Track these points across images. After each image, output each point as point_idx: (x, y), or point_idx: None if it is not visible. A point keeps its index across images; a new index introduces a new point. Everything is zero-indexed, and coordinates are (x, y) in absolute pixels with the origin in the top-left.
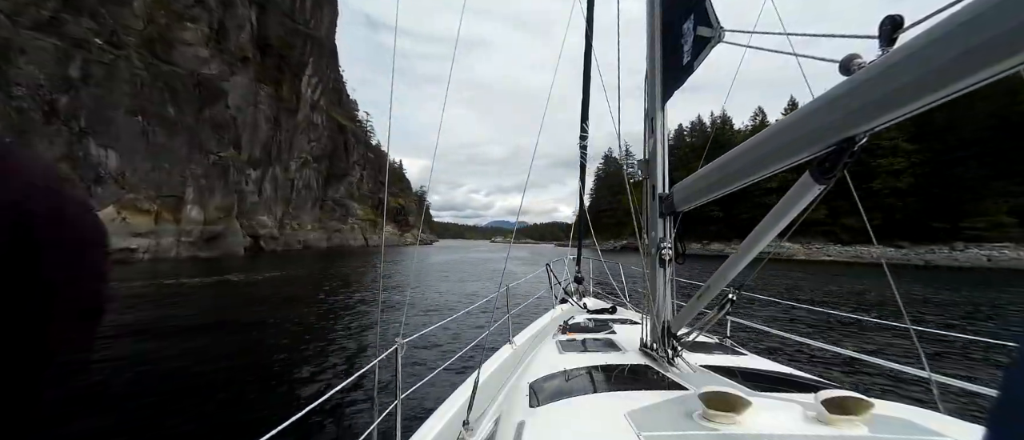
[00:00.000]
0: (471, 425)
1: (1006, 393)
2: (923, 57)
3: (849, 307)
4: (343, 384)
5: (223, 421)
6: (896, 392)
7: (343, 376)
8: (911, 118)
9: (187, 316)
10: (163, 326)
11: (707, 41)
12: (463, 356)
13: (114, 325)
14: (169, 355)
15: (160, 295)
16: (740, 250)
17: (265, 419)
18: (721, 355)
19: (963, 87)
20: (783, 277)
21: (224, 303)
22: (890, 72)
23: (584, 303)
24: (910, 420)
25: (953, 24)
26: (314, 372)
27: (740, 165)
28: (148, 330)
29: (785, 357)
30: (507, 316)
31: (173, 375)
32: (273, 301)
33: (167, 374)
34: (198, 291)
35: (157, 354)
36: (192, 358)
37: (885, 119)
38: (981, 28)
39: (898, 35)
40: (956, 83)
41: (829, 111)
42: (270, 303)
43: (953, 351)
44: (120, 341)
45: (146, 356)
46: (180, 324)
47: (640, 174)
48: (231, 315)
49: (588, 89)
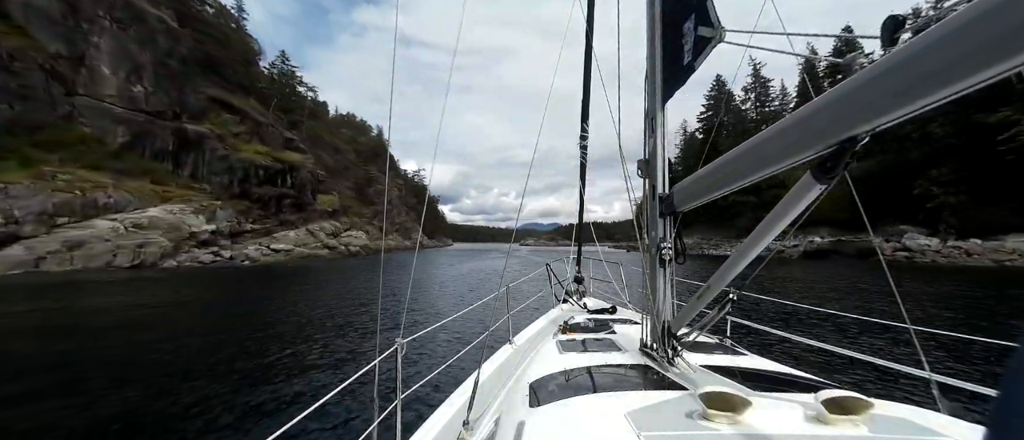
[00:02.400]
0: (471, 425)
1: (1006, 393)
2: (925, 57)
3: (850, 307)
4: (343, 384)
5: (223, 421)
6: (896, 392)
7: (343, 376)
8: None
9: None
10: (163, 327)
11: (708, 41)
12: (463, 356)
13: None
14: (169, 356)
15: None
16: (740, 250)
17: (265, 419)
18: (721, 355)
19: (965, 87)
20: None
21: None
22: (892, 72)
23: (584, 303)
24: (910, 420)
25: (955, 24)
26: (314, 372)
27: (740, 165)
28: (146, 328)
29: (785, 357)
30: (507, 316)
31: (173, 376)
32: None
33: (165, 375)
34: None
35: (156, 355)
36: (191, 358)
37: (886, 119)
38: (983, 28)
39: (899, 35)
40: (958, 83)
41: (830, 111)
42: (269, 302)
43: (955, 351)
44: (116, 332)
45: (146, 357)
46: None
47: (640, 174)
48: (230, 315)
49: (588, 89)
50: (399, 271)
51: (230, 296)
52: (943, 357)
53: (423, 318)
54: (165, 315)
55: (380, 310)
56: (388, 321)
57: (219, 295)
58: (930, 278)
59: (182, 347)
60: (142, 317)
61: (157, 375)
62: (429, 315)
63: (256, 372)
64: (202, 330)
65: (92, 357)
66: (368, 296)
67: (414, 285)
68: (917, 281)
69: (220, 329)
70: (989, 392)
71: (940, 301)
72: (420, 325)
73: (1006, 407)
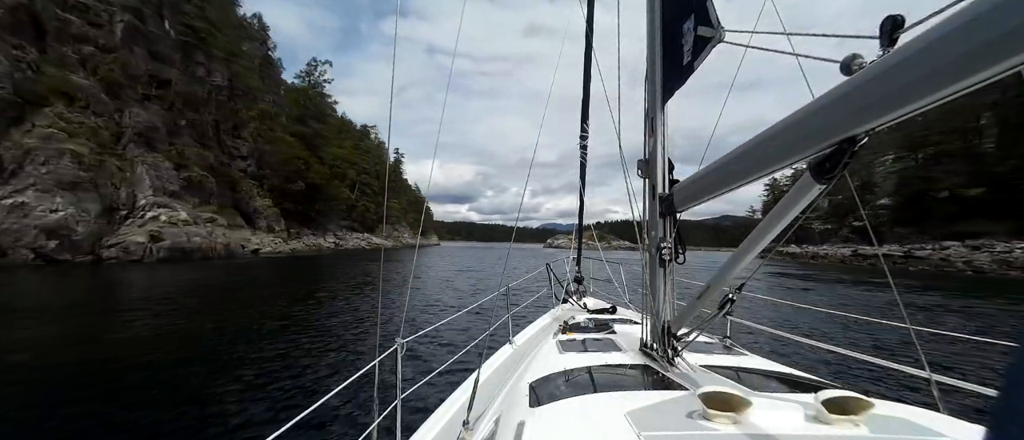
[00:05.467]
0: (471, 425)
1: (1006, 393)
2: (924, 57)
3: (852, 308)
4: (343, 384)
5: (223, 422)
6: (896, 392)
7: (343, 376)
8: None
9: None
10: (167, 328)
11: (707, 41)
12: (463, 356)
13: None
14: (168, 356)
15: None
16: (740, 250)
17: (265, 419)
18: (721, 355)
19: (965, 87)
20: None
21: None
22: (891, 72)
23: (584, 303)
24: (910, 420)
25: (954, 24)
26: (314, 372)
27: (740, 165)
28: (145, 332)
29: (785, 357)
30: (507, 316)
31: (172, 375)
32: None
33: (165, 375)
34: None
35: (153, 355)
36: (188, 359)
37: (886, 119)
38: (982, 28)
39: (899, 35)
40: (958, 83)
41: (830, 111)
42: (268, 303)
43: (954, 351)
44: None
45: (142, 356)
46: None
47: (640, 174)
48: (227, 313)
49: (588, 89)
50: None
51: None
52: (940, 357)
53: (423, 318)
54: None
55: (380, 312)
56: (387, 320)
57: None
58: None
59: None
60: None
61: (152, 376)
62: (429, 315)
63: (256, 372)
64: None
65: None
66: (369, 296)
67: (402, 285)
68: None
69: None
70: (989, 392)
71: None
72: (420, 325)
73: (1006, 407)
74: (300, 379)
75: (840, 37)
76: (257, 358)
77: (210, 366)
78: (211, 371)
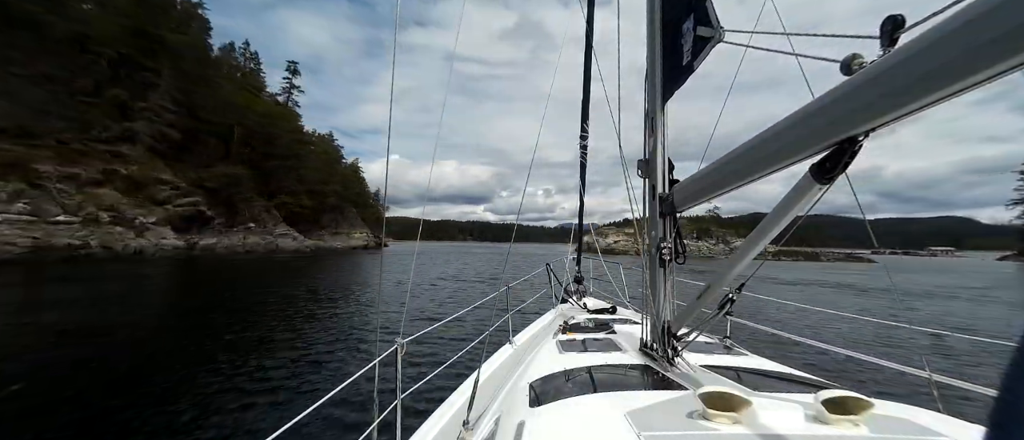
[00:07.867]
0: (471, 425)
1: (1006, 393)
2: (925, 57)
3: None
4: (343, 384)
5: (223, 422)
6: (896, 392)
7: (343, 376)
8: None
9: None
10: (167, 329)
11: (707, 41)
12: (463, 356)
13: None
14: (165, 357)
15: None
16: (740, 250)
17: (265, 419)
18: (721, 355)
19: (965, 86)
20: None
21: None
22: (891, 72)
23: (584, 303)
24: (910, 420)
25: (954, 24)
26: (314, 372)
27: (740, 165)
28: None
29: (785, 357)
30: (507, 316)
31: (170, 376)
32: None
33: (163, 376)
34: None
35: (150, 357)
36: (187, 360)
37: (886, 119)
38: (982, 28)
39: (899, 35)
40: (958, 83)
41: (830, 111)
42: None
43: (954, 351)
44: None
45: (140, 358)
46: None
47: (640, 174)
48: (228, 312)
49: (588, 89)
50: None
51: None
52: (937, 356)
53: (423, 318)
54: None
55: (379, 312)
56: (388, 321)
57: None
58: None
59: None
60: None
61: (153, 375)
62: (429, 315)
63: (255, 372)
64: None
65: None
66: (369, 296)
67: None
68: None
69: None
70: (989, 392)
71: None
72: (420, 325)
73: (1006, 407)
74: (300, 379)
75: (840, 37)
76: (256, 363)
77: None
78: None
